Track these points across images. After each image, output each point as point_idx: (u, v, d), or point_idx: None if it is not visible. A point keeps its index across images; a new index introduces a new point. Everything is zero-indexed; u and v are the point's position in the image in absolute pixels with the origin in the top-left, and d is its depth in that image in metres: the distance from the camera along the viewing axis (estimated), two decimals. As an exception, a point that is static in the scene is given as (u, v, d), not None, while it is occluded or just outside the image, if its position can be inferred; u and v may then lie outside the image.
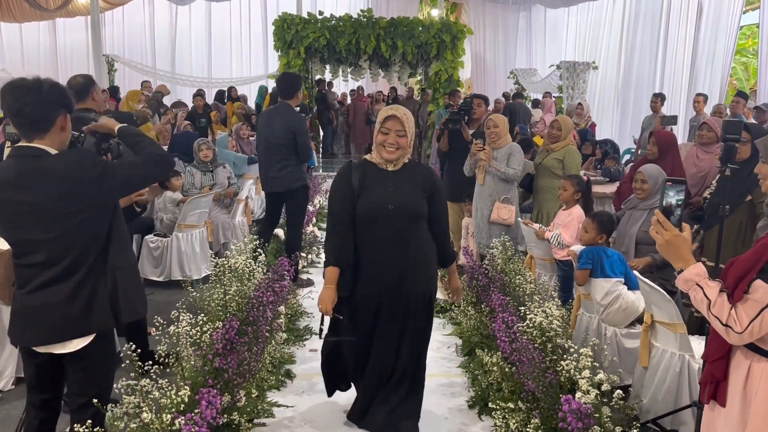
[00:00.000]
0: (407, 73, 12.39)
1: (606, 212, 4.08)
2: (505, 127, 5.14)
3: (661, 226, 1.93)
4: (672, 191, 1.96)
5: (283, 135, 5.18)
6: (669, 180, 2.00)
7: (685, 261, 1.91)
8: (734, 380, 1.90)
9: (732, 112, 7.91)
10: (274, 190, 5.42)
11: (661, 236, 1.93)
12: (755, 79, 14.66)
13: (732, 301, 1.82)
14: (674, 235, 1.91)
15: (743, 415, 1.86)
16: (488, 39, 17.35)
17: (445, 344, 4.38)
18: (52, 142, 2.26)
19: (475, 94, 6.32)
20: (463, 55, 11.41)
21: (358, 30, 10.79)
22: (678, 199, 1.95)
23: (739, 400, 1.88)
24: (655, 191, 3.97)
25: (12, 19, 15.52)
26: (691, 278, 1.89)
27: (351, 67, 11.86)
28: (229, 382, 3.15)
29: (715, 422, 1.98)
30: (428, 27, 10.95)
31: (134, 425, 2.58)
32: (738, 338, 1.80)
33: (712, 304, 1.84)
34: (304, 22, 10.89)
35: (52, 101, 2.24)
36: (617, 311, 3.55)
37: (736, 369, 1.90)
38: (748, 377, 1.86)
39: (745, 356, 1.88)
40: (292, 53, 10.94)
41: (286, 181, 5.31)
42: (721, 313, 1.82)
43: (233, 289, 3.74)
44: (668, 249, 1.93)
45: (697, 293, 1.87)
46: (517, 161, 5.00)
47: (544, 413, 2.97)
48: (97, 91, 4.05)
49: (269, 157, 5.28)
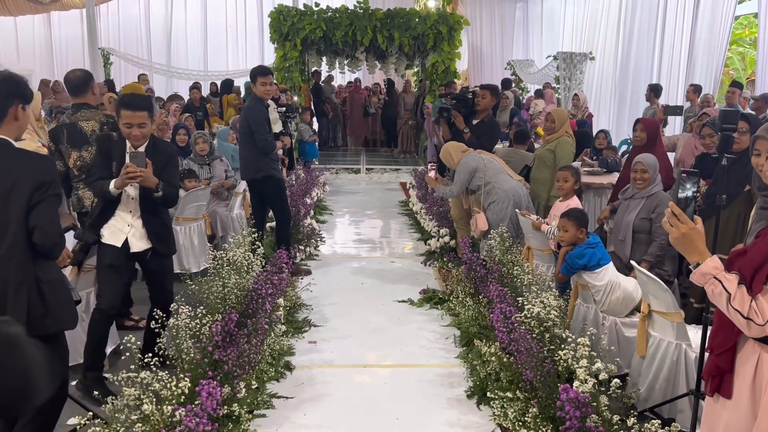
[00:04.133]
0: (404, 65, 12.37)
1: (574, 207, 4.11)
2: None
3: (676, 219, 1.86)
4: (688, 183, 1.89)
5: (243, 125, 5.42)
6: (684, 172, 1.92)
7: (700, 254, 1.85)
8: (742, 372, 1.87)
9: (728, 103, 7.92)
10: (245, 179, 5.72)
11: (677, 229, 1.86)
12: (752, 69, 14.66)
13: (751, 294, 1.78)
14: (690, 228, 1.85)
15: (752, 407, 1.84)
16: (485, 30, 17.30)
17: (443, 335, 4.40)
18: (8, 132, 2.41)
19: (483, 84, 6.32)
20: (459, 46, 11.38)
21: (355, 22, 10.76)
22: (693, 192, 1.90)
23: (747, 392, 1.85)
24: (654, 180, 4.00)
25: (6, 12, 15.43)
26: (709, 272, 1.83)
27: (348, 59, 11.83)
28: (229, 373, 3.17)
29: (720, 415, 1.94)
30: (425, 18, 10.92)
31: (135, 417, 2.60)
32: (759, 330, 1.76)
33: (732, 297, 1.78)
34: (300, 14, 10.85)
35: (3, 92, 2.39)
36: (617, 301, 3.57)
37: (745, 361, 1.87)
38: (757, 369, 1.83)
39: (754, 348, 1.85)
40: (289, 45, 10.90)
41: (248, 171, 5.52)
42: (742, 306, 1.77)
43: (232, 282, 3.75)
44: (683, 242, 1.87)
45: (715, 287, 1.81)
46: (456, 178, 5.25)
47: (542, 402, 3.00)
48: (96, 85, 4.06)
49: (240, 145, 5.63)
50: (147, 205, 3.43)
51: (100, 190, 3.34)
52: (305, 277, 5.58)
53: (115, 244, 3.39)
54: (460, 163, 5.20)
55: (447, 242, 6.13)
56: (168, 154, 3.50)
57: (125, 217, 3.43)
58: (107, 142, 3.42)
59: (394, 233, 7.44)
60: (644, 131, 4.70)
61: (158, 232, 3.49)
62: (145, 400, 2.63)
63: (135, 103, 3.32)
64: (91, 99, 4.06)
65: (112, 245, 3.39)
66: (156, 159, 3.34)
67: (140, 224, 3.43)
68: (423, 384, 3.70)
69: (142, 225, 3.43)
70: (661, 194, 4.06)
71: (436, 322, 4.63)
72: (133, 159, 3.21)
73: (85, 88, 4.03)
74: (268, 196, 5.61)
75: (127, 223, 3.42)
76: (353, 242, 7.00)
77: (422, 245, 6.65)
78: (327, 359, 4.03)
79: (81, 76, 4.06)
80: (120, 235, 3.41)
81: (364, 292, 5.32)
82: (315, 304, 4.92)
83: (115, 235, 3.41)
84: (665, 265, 3.96)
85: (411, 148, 13.53)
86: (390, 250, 6.71)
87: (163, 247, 3.54)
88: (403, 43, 10.92)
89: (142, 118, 3.30)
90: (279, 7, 10.99)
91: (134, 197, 3.42)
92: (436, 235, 6.34)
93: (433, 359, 4.04)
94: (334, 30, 10.76)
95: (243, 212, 6.53)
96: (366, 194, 9.89)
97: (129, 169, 3.18)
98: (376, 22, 10.77)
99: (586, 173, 6.09)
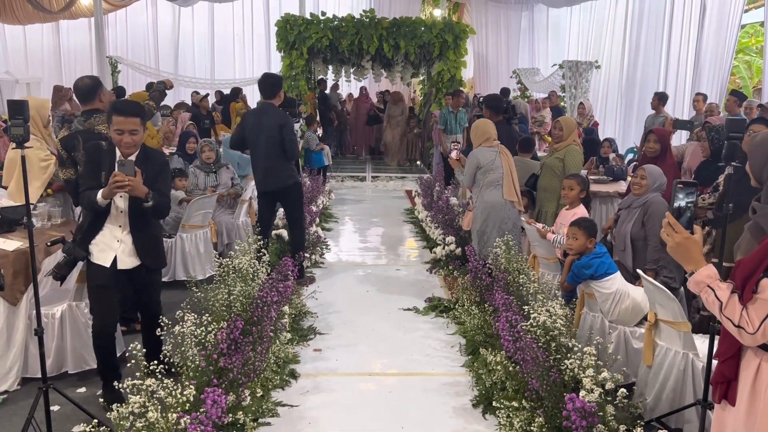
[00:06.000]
0: (410, 73, 12.40)
1: (585, 217, 4.11)
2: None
3: (672, 229, 1.92)
4: (682, 194, 1.95)
5: (273, 134, 5.28)
6: (680, 183, 1.97)
7: (696, 263, 1.90)
8: (743, 379, 1.90)
9: (729, 111, 7.89)
10: (269, 189, 5.49)
11: (672, 239, 1.91)
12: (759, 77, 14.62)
13: (742, 302, 1.81)
14: (685, 238, 1.90)
15: (750, 412, 1.86)
16: (490, 38, 17.34)
17: (448, 343, 4.39)
18: None
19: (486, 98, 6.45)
20: (465, 54, 11.39)
21: (361, 30, 10.80)
22: (689, 202, 1.94)
23: (747, 398, 1.87)
24: (652, 190, 4.01)
25: (15, 21, 15.55)
26: (703, 280, 1.87)
27: (354, 67, 11.87)
28: (234, 381, 3.17)
29: (726, 422, 1.97)
30: (431, 27, 10.94)
31: (140, 424, 2.59)
32: (751, 339, 1.79)
33: (724, 306, 1.82)
34: (306, 22, 10.90)
35: None
36: (626, 311, 3.55)
37: (746, 367, 1.89)
38: (757, 375, 1.86)
39: (755, 355, 1.87)
40: (295, 54, 10.95)
41: (278, 180, 5.40)
42: (733, 315, 1.81)
43: (237, 289, 3.76)
44: (679, 251, 1.92)
45: (708, 295, 1.86)
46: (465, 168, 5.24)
47: (548, 412, 2.98)
48: (104, 92, 4.07)
49: (262, 156, 5.37)
50: (137, 219, 3.30)
51: (88, 200, 3.18)
52: (310, 285, 5.58)
53: (103, 264, 3.27)
54: (470, 154, 5.18)
55: (452, 250, 6.12)
56: (160, 163, 3.40)
57: (115, 231, 3.30)
58: (96, 151, 3.27)
59: (400, 241, 7.43)
60: (658, 142, 4.68)
61: (147, 247, 3.37)
62: (150, 407, 2.63)
63: (127, 108, 3.20)
64: (99, 106, 4.09)
65: (101, 264, 3.27)
66: (148, 168, 3.23)
67: (130, 240, 3.31)
68: (428, 393, 3.69)
69: (131, 241, 3.30)
70: (653, 198, 4.04)
71: (441, 331, 4.62)
72: (122, 167, 3.07)
73: (93, 95, 4.06)
74: (293, 203, 5.59)
75: (117, 239, 3.29)
76: (359, 250, 7.00)
77: (428, 253, 6.64)
78: (332, 367, 4.02)
79: (89, 84, 4.09)
80: (108, 252, 3.28)
81: (370, 300, 5.31)
82: (320, 311, 4.92)
83: (104, 253, 3.28)
84: (671, 272, 3.94)
85: (416, 156, 13.55)
86: (395, 258, 6.70)
87: (152, 261, 3.42)
88: (408, 52, 10.95)
89: (133, 125, 3.17)
90: (286, 16, 11.05)
91: (123, 210, 3.28)
92: (442, 243, 6.33)
93: (438, 368, 4.02)
94: (341, 39, 10.80)
95: (249, 220, 6.54)
96: (371, 202, 9.90)
97: (117, 178, 3.03)
98: (382, 30, 10.81)
99: (592, 181, 6.08)
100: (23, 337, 3.57)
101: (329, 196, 9.45)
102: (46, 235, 3.86)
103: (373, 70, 11.87)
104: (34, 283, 2.96)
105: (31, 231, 2.90)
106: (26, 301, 3.56)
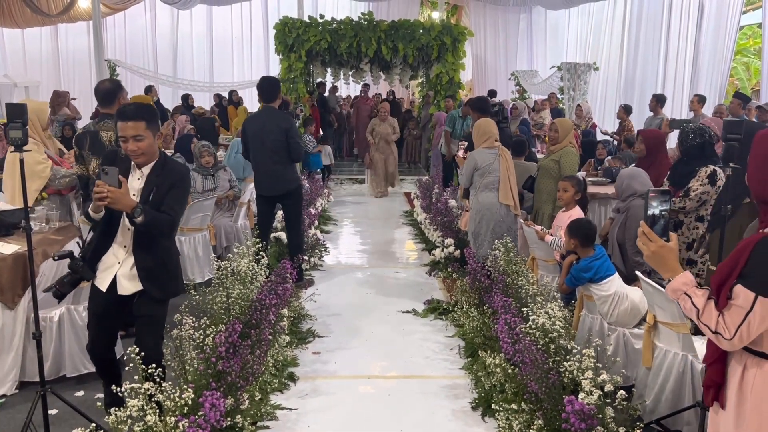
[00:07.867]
0: (408, 76, 12.42)
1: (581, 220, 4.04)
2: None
3: (647, 238, 1.93)
4: (655, 202, 1.95)
5: (278, 138, 5.24)
6: (653, 191, 1.98)
7: (672, 271, 1.91)
8: (731, 381, 1.91)
9: (732, 114, 7.90)
10: (273, 193, 5.45)
11: (648, 247, 1.92)
12: (757, 78, 14.65)
13: (718, 308, 1.82)
14: (660, 246, 1.91)
15: (739, 414, 1.87)
16: (489, 41, 17.38)
17: (447, 346, 4.38)
18: None
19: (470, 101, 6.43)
20: (463, 57, 11.42)
21: (359, 33, 10.81)
22: (662, 210, 1.95)
23: (735, 400, 1.88)
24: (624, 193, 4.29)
25: (14, 24, 15.56)
26: (679, 287, 1.89)
27: (352, 70, 11.88)
28: (233, 384, 3.16)
29: (719, 425, 1.97)
30: (429, 29, 10.97)
31: (138, 428, 2.59)
32: (729, 345, 1.80)
33: (701, 313, 1.83)
34: (305, 25, 10.91)
35: None
36: (625, 312, 3.55)
37: (733, 370, 1.91)
38: (743, 378, 1.87)
39: (741, 357, 1.88)
40: (294, 57, 10.96)
41: (287, 183, 5.37)
42: (710, 321, 1.82)
43: (236, 292, 3.75)
44: (655, 259, 1.93)
45: (685, 302, 1.87)
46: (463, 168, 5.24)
47: (548, 414, 2.97)
48: (124, 96, 4.05)
49: (268, 161, 5.31)
50: (140, 238, 2.89)
51: (86, 212, 2.87)
52: (309, 288, 5.58)
53: (100, 287, 2.93)
54: (469, 155, 5.18)
55: (451, 252, 6.12)
56: (180, 174, 2.97)
57: (118, 252, 2.93)
58: (111, 159, 2.96)
59: (399, 243, 7.43)
60: (643, 143, 4.70)
61: (150, 270, 2.90)
62: (149, 411, 2.62)
63: (128, 112, 2.81)
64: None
65: (99, 289, 2.94)
66: (163, 179, 2.89)
67: (131, 261, 2.90)
68: (427, 395, 3.68)
69: (133, 262, 2.90)
70: (632, 202, 4.21)
71: (440, 333, 4.62)
72: (105, 176, 2.68)
73: (112, 99, 4.01)
74: (294, 205, 5.57)
75: (119, 260, 2.91)
76: (357, 252, 6.99)
77: (426, 255, 6.64)
78: (331, 370, 4.01)
79: (109, 87, 4.05)
80: (107, 274, 2.93)
81: (368, 302, 5.31)
82: (319, 314, 4.91)
83: (103, 273, 2.94)
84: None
85: (416, 158, 13.55)
86: (394, 260, 6.70)
87: (155, 288, 2.91)
88: (407, 54, 10.97)
89: (136, 130, 2.78)
90: (284, 19, 11.06)
91: (130, 228, 2.88)
92: (441, 245, 6.33)
93: (437, 370, 4.02)
94: (339, 41, 10.82)
95: (247, 222, 6.54)
96: (370, 204, 9.90)
97: (96, 189, 2.64)
98: (380, 33, 10.82)
99: (590, 183, 6.08)
100: (21, 341, 3.56)
101: (328, 199, 9.45)
102: (46, 239, 3.86)
103: (372, 72, 11.88)
104: (32, 286, 2.95)
105: (29, 234, 2.90)
106: (24, 305, 3.55)
